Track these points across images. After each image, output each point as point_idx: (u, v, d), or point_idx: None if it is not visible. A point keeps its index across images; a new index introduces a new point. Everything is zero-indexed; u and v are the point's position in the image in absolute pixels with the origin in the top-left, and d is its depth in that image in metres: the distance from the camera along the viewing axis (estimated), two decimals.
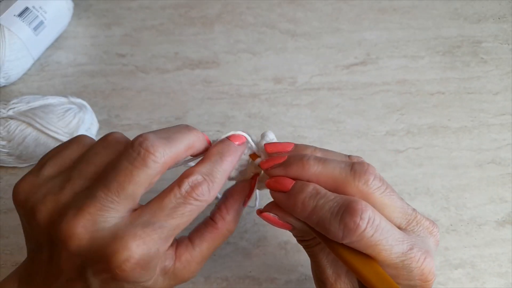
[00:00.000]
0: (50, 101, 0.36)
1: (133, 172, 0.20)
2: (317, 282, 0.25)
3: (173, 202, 0.21)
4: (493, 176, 0.38)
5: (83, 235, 0.19)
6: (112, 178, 0.20)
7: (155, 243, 0.20)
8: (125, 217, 0.20)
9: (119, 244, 0.19)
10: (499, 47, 0.47)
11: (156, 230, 0.20)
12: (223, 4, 0.50)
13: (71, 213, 0.19)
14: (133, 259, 0.19)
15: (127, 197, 0.20)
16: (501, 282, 0.33)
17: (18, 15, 0.40)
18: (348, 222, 0.19)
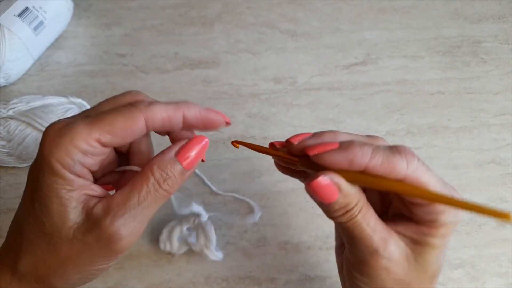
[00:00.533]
0: (50, 101, 0.36)
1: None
2: (357, 264, 0.23)
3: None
4: (493, 176, 0.38)
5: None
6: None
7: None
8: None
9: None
10: (499, 47, 0.47)
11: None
12: (223, 4, 0.50)
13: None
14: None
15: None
16: (501, 282, 0.33)
17: (18, 15, 0.40)
18: (407, 151, 0.21)
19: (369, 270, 0.22)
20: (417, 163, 0.21)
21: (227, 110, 0.42)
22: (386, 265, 0.22)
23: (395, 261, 0.22)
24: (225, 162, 0.38)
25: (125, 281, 0.32)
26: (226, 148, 0.39)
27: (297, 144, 0.24)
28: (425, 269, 0.23)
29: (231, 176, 0.38)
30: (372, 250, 0.22)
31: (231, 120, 0.42)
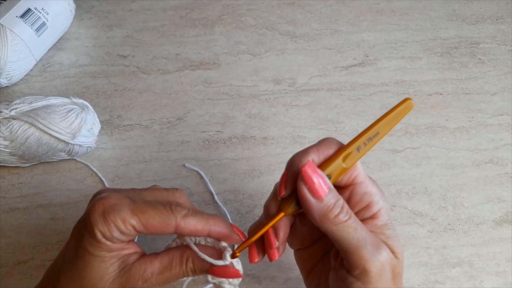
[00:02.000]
0: (52, 101, 0.37)
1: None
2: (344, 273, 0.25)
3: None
4: (490, 175, 0.39)
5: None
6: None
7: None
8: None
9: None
10: (497, 48, 0.48)
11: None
12: (223, 5, 0.50)
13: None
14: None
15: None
16: (499, 281, 0.34)
17: (20, 16, 0.41)
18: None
19: (366, 280, 0.23)
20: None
21: (228, 111, 0.42)
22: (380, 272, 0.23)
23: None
24: (225, 162, 0.39)
25: None
26: (226, 148, 0.40)
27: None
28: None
29: (231, 175, 0.38)
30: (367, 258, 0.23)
31: (231, 121, 0.42)
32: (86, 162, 0.38)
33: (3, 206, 0.36)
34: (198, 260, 0.24)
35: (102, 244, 0.23)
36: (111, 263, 0.23)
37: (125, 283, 0.23)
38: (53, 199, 0.36)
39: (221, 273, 0.24)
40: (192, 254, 0.24)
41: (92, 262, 0.23)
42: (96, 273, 0.23)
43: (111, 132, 0.40)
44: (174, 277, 0.24)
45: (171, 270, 0.24)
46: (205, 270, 0.24)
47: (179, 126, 0.41)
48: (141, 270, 0.23)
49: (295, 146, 0.40)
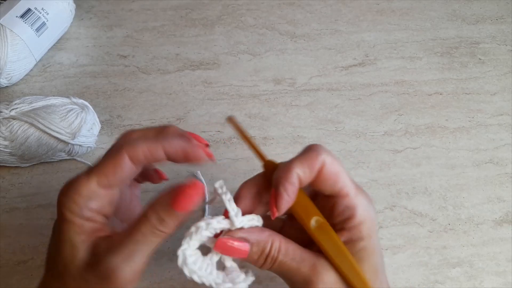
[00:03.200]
0: (52, 101, 0.37)
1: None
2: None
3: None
4: (490, 176, 0.39)
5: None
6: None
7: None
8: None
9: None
10: (497, 48, 0.48)
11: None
12: (223, 5, 0.50)
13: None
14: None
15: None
16: (499, 281, 0.34)
17: (20, 16, 0.41)
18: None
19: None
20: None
21: (228, 111, 0.42)
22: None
23: (331, 283, 0.23)
24: (225, 162, 0.39)
25: None
26: (226, 148, 0.40)
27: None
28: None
29: (231, 175, 0.38)
30: (306, 281, 0.23)
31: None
32: (86, 162, 0.38)
33: (3, 206, 0.36)
34: (158, 204, 0.22)
35: (71, 223, 0.22)
36: (82, 248, 0.22)
37: (94, 264, 0.22)
38: (53, 199, 0.36)
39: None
40: (150, 203, 0.22)
41: (64, 249, 0.22)
42: (67, 260, 0.22)
43: (111, 132, 0.40)
44: (145, 239, 0.22)
45: (136, 234, 0.22)
46: (171, 212, 0.22)
47: (179, 126, 0.40)
48: (107, 245, 0.22)
49: (295, 146, 0.40)
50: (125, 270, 0.22)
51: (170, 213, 0.22)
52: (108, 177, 0.22)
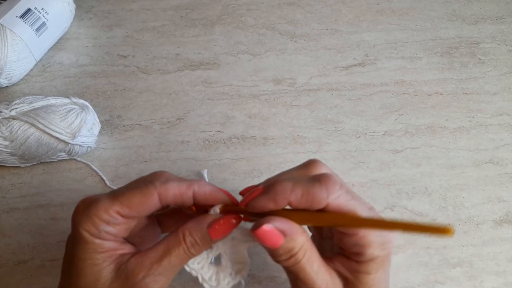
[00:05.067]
0: (52, 101, 0.37)
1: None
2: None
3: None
4: (490, 176, 0.39)
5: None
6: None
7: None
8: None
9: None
10: (497, 48, 0.48)
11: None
12: (223, 5, 0.50)
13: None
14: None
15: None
16: (499, 281, 0.34)
17: (20, 16, 0.41)
18: (329, 180, 0.22)
19: None
20: (339, 191, 0.21)
21: (227, 111, 0.42)
22: None
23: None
24: (225, 162, 0.39)
25: None
26: (226, 148, 0.40)
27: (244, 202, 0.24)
28: None
29: (231, 175, 0.38)
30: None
31: (231, 121, 0.42)
32: (86, 162, 0.38)
33: (3, 206, 0.36)
34: (195, 229, 0.22)
35: (90, 243, 0.22)
36: (105, 266, 0.22)
37: (125, 282, 0.22)
38: (53, 199, 0.36)
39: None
40: (187, 226, 0.23)
41: (84, 268, 0.22)
42: (90, 279, 0.22)
43: (111, 132, 0.40)
44: (176, 259, 0.22)
45: (170, 253, 0.22)
46: (206, 237, 0.22)
47: (179, 126, 0.41)
48: (138, 264, 0.22)
49: (295, 146, 0.40)
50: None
51: (205, 239, 0.23)
52: (131, 210, 0.22)
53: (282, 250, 0.22)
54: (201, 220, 0.23)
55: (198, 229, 0.23)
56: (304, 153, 0.39)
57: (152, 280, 0.22)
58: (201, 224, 0.23)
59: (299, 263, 0.22)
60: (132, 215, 0.22)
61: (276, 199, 0.22)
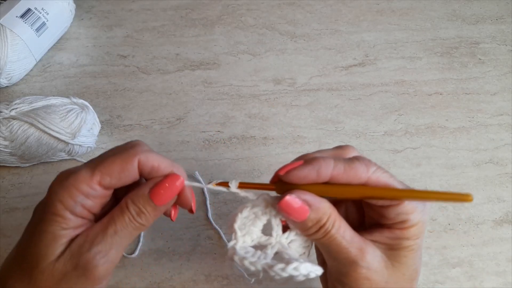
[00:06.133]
0: (52, 101, 0.37)
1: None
2: (338, 277, 0.24)
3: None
4: (490, 176, 0.39)
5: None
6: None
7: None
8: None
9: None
10: (497, 48, 0.48)
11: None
12: (223, 6, 0.50)
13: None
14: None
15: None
16: (499, 281, 0.34)
17: (21, 16, 0.41)
18: (365, 158, 0.23)
19: (351, 281, 0.23)
20: (375, 166, 0.23)
21: (227, 111, 0.42)
22: (366, 274, 0.23)
23: (374, 270, 0.23)
24: (225, 162, 0.39)
25: (126, 279, 0.32)
26: (226, 148, 0.40)
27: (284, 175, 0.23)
28: (403, 273, 0.23)
29: (231, 175, 0.38)
30: (351, 262, 0.23)
31: (231, 121, 0.42)
32: None
33: (3, 206, 0.36)
34: (137, 195, 0.22)
35: (59, 217, 0.21)
36: (61, 243, 0.21)
37: (71, 258, 0.21)
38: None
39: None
40: (130, 193, 0.22)
41: (41, 241, 0.21)
42: (41, 253, 0.21)
43: (111, 132, 0.40)
44: (122, 229, 0.22)
45: (114, 223, 0.21)
46: (150, 204, 0.22)
47: (179, 126, 0.41)
48: (83, 237, 0.21)
49: (295, 146, 0.40)
50: (103, 264, 0.21)
51: (149, 205, 0.22)
52: (112, 178, 0.22)
53: (310, 221, 0.22)
54: (143, 186, 0.22)
55: (140, 195, 0.22)
56: (304, 153, 0.39)
57: (98, 252, 0.21)
58: (143, 190, 0.22)
59: (329, 233, 0.22)
60: (113, 183, 0.22)
61: (320, 171, 0.22)
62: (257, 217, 0.24)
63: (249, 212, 0.24)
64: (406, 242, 0.23)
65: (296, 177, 0.22)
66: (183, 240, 0.34)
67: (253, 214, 0.24)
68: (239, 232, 0.23)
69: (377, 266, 0.23)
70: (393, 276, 0.23)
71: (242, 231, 0.23)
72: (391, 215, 0.23)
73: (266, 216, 0.24)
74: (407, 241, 0.23)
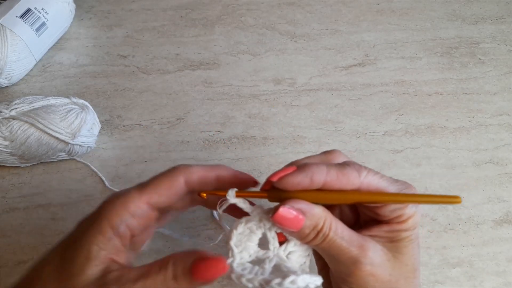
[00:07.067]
0: (52, 101, 0.37)
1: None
2: (344, 278, 0.24)
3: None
4: (490, 176, 0.39)
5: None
6: None
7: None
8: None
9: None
10: (497, 48, 0.48)
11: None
12: (223, 5, 0.50)
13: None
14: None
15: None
16: (499, 281, 0.34)
17: (20, 16, 0.41)
18: (356, 163, 0.23)
19: (357, 280, 0.23)
20: (366, 170, 0.23)
21: (227, 111, 0.42)
22: (370, 271, 0.23)
23: (378, 265, 0.23)
24: (225, 162, 0.39)
25: None
26: (226, 148, 0.40)
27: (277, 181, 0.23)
28: (406, 263, 0.24)
29: None
30: (354, 261, 0.23)
31: (231, 121, 0.42)
32: (86, 162, 0.38)
33: (3, 206, 0.36)
34: (181, 259, 0.21)
35: (101, 235, 0.21)
36: (95, 264, 0.22)
37: (101, 285, 0.21)
38: (53, 199, 0.36)
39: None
40: (176, 254, 0.22)
41: (76, 257, 0.21)
42: (79, 266, 0.21)
43: (111, 132, 0.40)
44: (152, 285, 0.21)
45: (148, 276, 0.21)
46: (187, 274, 0.21)
47: (179, 126, 0.41)
48: (117, 276, 0.21)
49: (295, 146, 0.40)
50: None
51: (187, 277, 0.22)
52: (160, 196, 0.23)
53: (307, 229, 0.22)
54: (191, 254, 0.22)
55: (183, 265, 0.21)
56: (304, 153, 0.39)
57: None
58: (187, 259, 0.21)
59: (328, 237, 0.22)
60: (161, 201, 0.23)
61: (313, 178, 0.22)
62: (252, 231, 0.23)
63: (243, 227, 0.23)
64: (405, 233, 0.24)
65: (289, 184, 0.22)
66: (183, 240, 0.34)
67: (248, 229, 0.23)
68: (236, 249, 0.23)
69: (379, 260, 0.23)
70: (396, 268, 0.23)
71: (238, 248, 0.23)
72: (385, 213, 0.23)
73: (261, 230, 0.24)
74: (405, 232, 0.24)
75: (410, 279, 0.24)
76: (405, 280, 0.23)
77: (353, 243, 0.23)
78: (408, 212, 0.23)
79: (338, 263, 0.24)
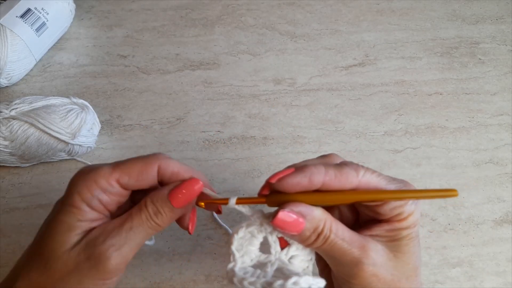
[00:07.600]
0: (52, 101, 0.37)
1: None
2: (346, 279, 0.24)
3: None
4: (490, 176, 0.39)
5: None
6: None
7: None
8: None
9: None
10: (497, 48, 0.48)
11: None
12: (223, 6, 0.50)
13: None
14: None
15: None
16: (499, 281, 0.34)
17: (20, 16, 0.41)
18: (353, 163, 0.23)
19: (360, 281, 0.23)
20: (363, 169, 0.23)
21: (227, 111, 0.42)
22: (373, 271, 0.23)
23: (380, 265, 0.23)
24: (225, 162, 0.39)
25: (126, 279, 0.32)
26: (226, 148, 0.40)
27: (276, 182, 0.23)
28: (407, 262, 0.24)
29: (231, 175, 0.38)
30: (356, 262, 0.23)
31: (231, 121, 0.42)
32: (86, 162, 0.38)
33: (3, 206, 0.36)
34: (156, 196, 0.22)
35: (76, 208, 0.22)
36: (77, 233, 0.22)
37: (85, 248, 0.22)
38: (53, 199, 0.36)
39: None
40: (150, 194, 0.23)
41: (58, 231, 0.22)
42: (57, 242, 0.22)
43: (111, 132, 0.40)
44: (138, 226, 0.22)
45: (132, 219, 0.22)
46: (168, 205, 0.22)
47: (179, 126, 0.41)
48: (100, 230, 0.22)
49: (295, 146, 0.40)
50: (116, 258, 0.22)
51: (167, 206, 0.23)
52: (130, 178, 0.23)
53: (307, 231, 0.22)
54: (163, 188, 0.23)
55: (159, 196, 0.23)
56: (304, 153, 0.39)
57: (111, 245, 0.22)
58: (162, 191, 0.23)
59: (328, 239, 0.22)
60: (130, 183, 0.23)
61: (311, 178, 0.22)
62: (254, 235, 0.24)
63: (244, 232, 0.23)
64: (405, 231, 0.24)
65: (288, 185, 0.22)
66: (183, 240, 0.34)
67: (249, 234, 0.24)
68: (237, 253, 0.23)
69: (381, 260, 0.23)
70: (397, 267, 0.23)
71: (240, 252, 0.23)
72: (385, 212, 0.23)
73: (262, 233, 0.24)
74: (406, 230, 0.24)
75: (411, 278, 0.24)
76: (406, 279, 0.23)
77: (354, 244, 0.23)
78: (407, 210, 0.23)
79: (340, 265, 0.23)
